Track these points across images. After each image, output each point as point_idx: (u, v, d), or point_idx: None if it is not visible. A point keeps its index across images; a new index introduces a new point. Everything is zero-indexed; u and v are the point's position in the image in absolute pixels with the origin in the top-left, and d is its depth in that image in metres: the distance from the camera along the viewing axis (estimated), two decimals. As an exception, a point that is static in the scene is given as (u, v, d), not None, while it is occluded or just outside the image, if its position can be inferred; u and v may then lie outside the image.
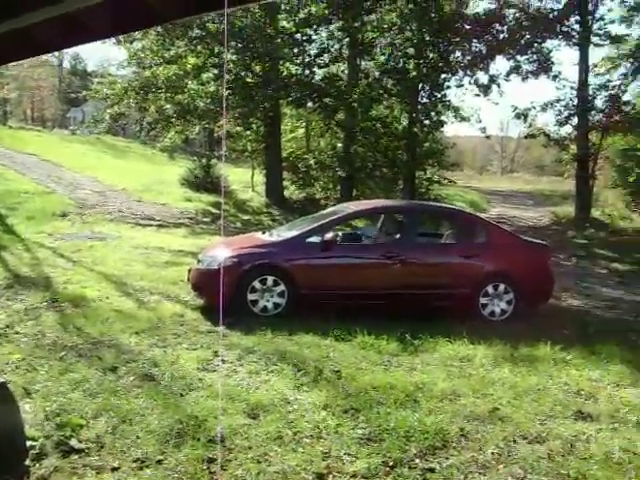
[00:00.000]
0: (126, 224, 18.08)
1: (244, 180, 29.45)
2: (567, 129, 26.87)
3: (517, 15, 25.33)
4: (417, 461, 4.98)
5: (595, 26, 25.22)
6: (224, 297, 8.53)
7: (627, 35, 25.57)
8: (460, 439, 5.40)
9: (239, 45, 23.06)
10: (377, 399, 6.06)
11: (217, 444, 4.88)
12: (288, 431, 5.28)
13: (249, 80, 24.25)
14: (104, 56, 63.07)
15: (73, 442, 4.79)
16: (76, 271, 11.29)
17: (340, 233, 10.55)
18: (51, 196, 20.51)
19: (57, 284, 10.21)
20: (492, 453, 5.18)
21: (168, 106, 24.53)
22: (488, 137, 30.17)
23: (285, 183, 27.44)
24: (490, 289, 9.84)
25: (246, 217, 23.04)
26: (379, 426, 5.47)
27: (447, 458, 5.07)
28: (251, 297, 9.11)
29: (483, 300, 9.82)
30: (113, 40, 23.51)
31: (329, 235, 9.55)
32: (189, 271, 9.87)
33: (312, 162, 27.81)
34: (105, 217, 18.70)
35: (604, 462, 5.09)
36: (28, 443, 4.64)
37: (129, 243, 14.67)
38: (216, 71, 23.61)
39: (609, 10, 38.68)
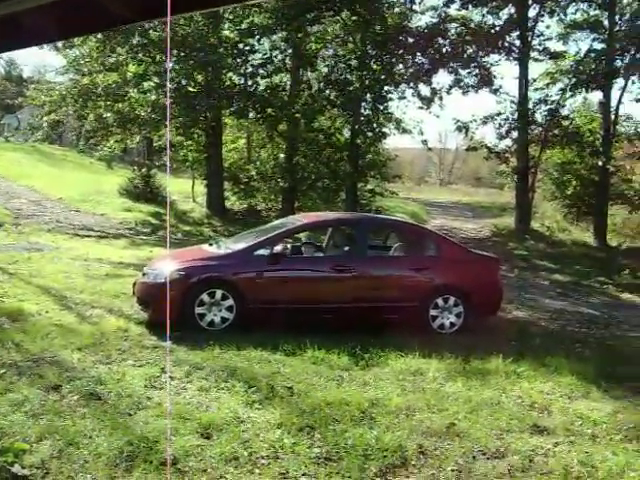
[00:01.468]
0: (64, 235, 17.61)
1: (184, 190, 29.06)
2: (507, 142, 27.39)
3: (459, 30, 25.64)
4: (377, 480, 4.86)
5: (534, 42, 25.83)
6: (170, 311, 8.29)
7: (565, 51, 26.27)
8: (419, 456, 5.29)
9: (181, 54, 22.75)
10: (332, 416, 5.91)
11: (170, 467, 4.66)
12: (243, 451, 5.08)
13: (191, 89, 23.96)
14: (40, 62, 61.92)
15: (16, 468, 4.48)
16: (13, 284, 10.88)
17: (289, 246, 10.40)
18: (-16, 205, 19.86)
19: (-7, 297, 9.79)
20: (452, 470, 5.10)
21: (108, 114, 24.11)
22: (430, 149, 30.57)
23: (226, 194, 27.18)
24: (440, 302, 9.81)
25: (187, 228, 22.72)
26: (336, 444, 5.32)
27: (407, 477, 4.97)
28: (198, 311, 8.88)
29: (433, 313, 9.78)
30: (50, 46, 22.95)
31: (278, 248, 9.41)
32: (134, 284, 9.58)
33: (254, 173, 27.65)
34: (42, 227, 18.20)
35: (564, 477, 5.05)
36: (-34, 470, 4.35)
37: (68, 254, 14.26)
38: (157, 80, 23.23)
39: (547, 27, 39.74)
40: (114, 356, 7.39)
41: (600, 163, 25.18)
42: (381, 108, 25.40)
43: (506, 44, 25.75)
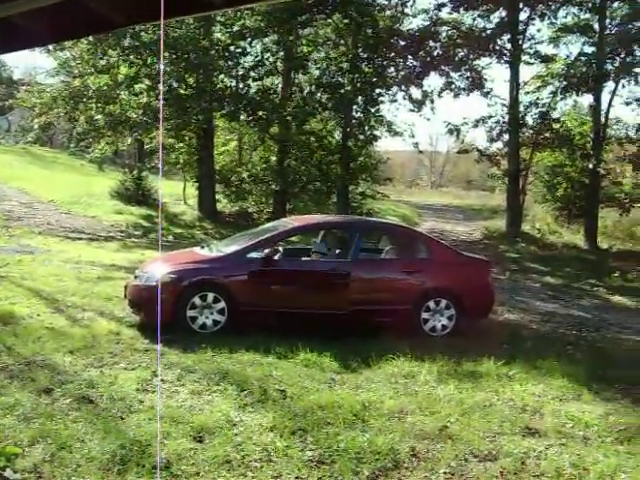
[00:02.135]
0: (55, 237, 17.55)
1: (176, 193, 28.99)
2: (498, 145, 27.50)
3: (450, 33, 25.72)
4: (370, 483, 4.87)
5: (525, 45, 25.95)
6: (162, 314, 8.31)
7: (555, 55, 26.39)
8: (411, 459, 5.31)
9: (173, 56, 22.71)
10: (325, 419, 5.92)
11: (162, 470, 4.66)
12: (236, 455, 5.09)
13: (182, 92, 23.90)
14: (31, 64, 61.64)
15: (8, 473, 4.47)
16: (4, 286, 10.82)
17: (281, 249, 10.41)
18: (-26, 208, 19.78)
19: (-17, 300, 9.74)
20: (444, 473, 5.12)
21: (99, 117, 24.01)
22: (421, 152, 30.64)
23: (218, 196, 27.10)
24: (432, 304, 9.82)
25: (178, 230, 22.64)
26: (329, 447, 5.33)
27: (400, 479, 4.97)
28: (190, 314, 8.88)
29: (425, 315, 9.79)
30: (42, 48, 22.84)
31: (270, 251, 9.39)
32: (126, 287, 9.56)
33: (245, 175, 27.54)
34: (33, 230, 18.12)
35: (556, 479, 5.08)
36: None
37: (59, 257, 14.21)
38: (149, 82, 23.19)
39: (538, 30, 39.89)
40: (106, 359, 7.37)
41: (590, 166, 25.26)
42: (372, 111, 25.47)
43: (497, 47, 25.81)
